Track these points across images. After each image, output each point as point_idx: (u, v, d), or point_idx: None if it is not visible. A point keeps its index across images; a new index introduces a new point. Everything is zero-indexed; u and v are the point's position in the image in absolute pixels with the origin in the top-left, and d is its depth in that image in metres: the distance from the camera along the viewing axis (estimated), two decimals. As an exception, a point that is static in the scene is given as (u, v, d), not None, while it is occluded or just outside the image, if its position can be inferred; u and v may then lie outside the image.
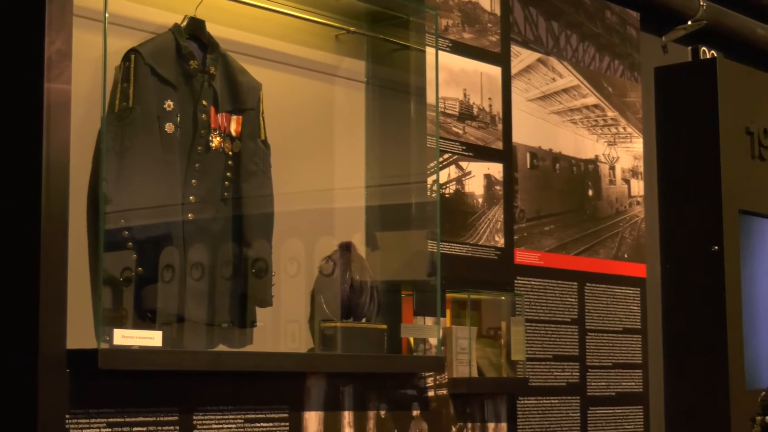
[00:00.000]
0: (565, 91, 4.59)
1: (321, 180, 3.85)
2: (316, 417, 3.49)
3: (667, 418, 5.35)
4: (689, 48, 5.59)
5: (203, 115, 3.35)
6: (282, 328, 3.64)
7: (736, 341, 5.36)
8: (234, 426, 3.28)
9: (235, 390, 3.28)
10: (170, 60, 3.30)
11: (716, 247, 5.34)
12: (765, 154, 5.73)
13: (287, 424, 3.41)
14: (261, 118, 3.51)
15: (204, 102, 3.35)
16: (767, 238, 5.85)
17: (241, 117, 3.46)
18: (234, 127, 3.44)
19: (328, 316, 3.60)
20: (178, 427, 3.12)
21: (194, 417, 3.16)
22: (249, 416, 3.31)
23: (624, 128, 4.85)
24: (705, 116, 5.41)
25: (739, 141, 5.55)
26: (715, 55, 5.64)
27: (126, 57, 3.20)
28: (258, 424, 3.33)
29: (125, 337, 2.98)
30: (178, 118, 3.28)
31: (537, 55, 4.49)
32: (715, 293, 5.35)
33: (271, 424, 3.36)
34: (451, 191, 4.02)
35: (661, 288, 5.39)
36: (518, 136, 4.32)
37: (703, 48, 5.59)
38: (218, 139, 3.39)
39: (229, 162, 3.42)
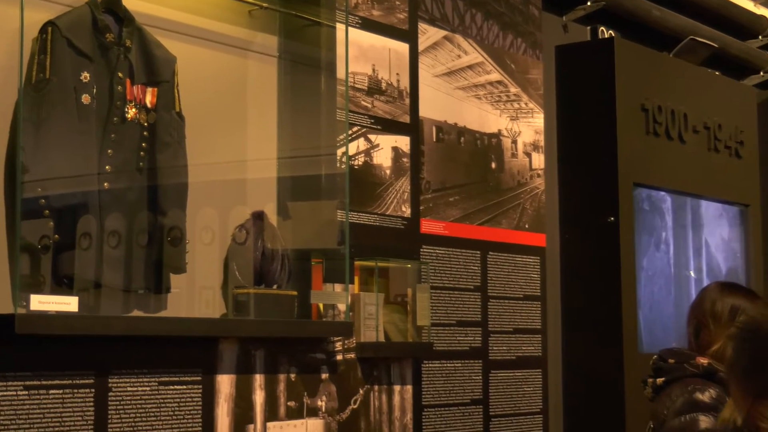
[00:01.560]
0: (470, 67, 4.63)
1: (234, 151, 3.86)
2: (228, 380, 3.52)
3: (564, 381, 5.44)
4: (588, 28, 5.66)
5: (119, 87, 3.34)
6: (196, 295, 3.65)
7: (630, 307, 5.46)
8: (148, 389, 3.29)
9: (149, 354, 3.29)
10: (87, 33, 3.28)
11: (612, 218, 5.43)
12: (659, 130, 5.83)
13: (200, 386, 3.42)
14: (176, 91, 3.51)
15: (120, 74, 3.34)
16: (656, 208, 5.97)
17: (156, 89, 3.45)
18: (149, 99, 3.44)
19: (240, 282, 3.62)
20: (93, 390, 3.13)
21: (110, 380, 3.17)
22: (163, 379, 3.32)
23: (526, 104, 4.91)
24: (603, 93, 5.49)
25: (634, 117, 5.65)
26: (613, 35, 5.72)
27: (43, 29, 3.17)
28: (172, 387, 3.35)
29: (42, 302, 2.97)
30: (95, 90, 3.27)
31: (443, 33, 4.52)
32: (610, 262, 5.44)
33: (184, 387, 3.38)
34: (360, 163, 4.05)
35: (560, 257, 5.47)
36: (425, 111, 4.36)
37: (602, 28, 5.67)
38: (134, 110, 3.38)
39: (145, 133, 3.41)
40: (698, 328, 3.65)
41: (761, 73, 7.22)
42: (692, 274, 6.21)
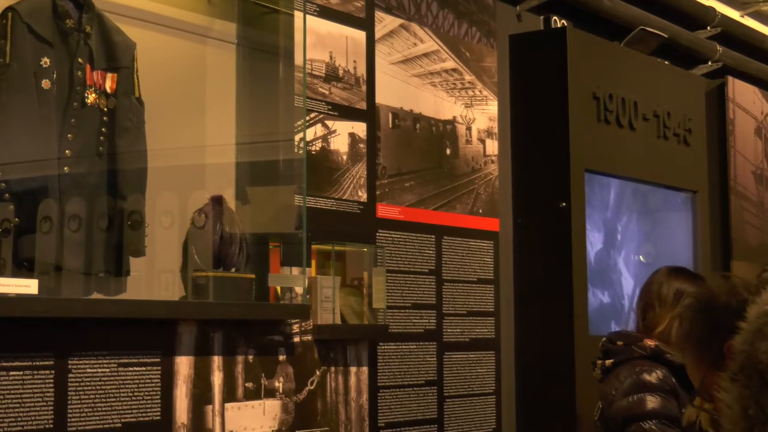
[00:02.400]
0: (426, 55, 4.65)
1: (193, 137, 3.86)
2: (187, 361, 3.52)
3: (517, 362, 5.48)
4: (541, 17, 5.68)
5: (79, 72, 3.33)
6: (156, 278, 3.65)
7: (580, 291, 5.50)
8: (108, 370, 3.29)
9: (109, 336, 3.29)
10: (46, 18, 3.27)
11: (564, 203, 5.46)
12: (610, 117, 5.87)
13: (159, 368, 3.43)
14: (135, 76, 3.50)
15: (80, 60, 3.34)
16: (608, 195, 6.02)
17: (116, 75, 3.45)
18: (109, 85, 3.44)
19: (199, 266, 3.62)
20: (53, 372, 3.13)
21: (69, 362, 3.17)
22: (122, 361, 3.33)
23: (480, 91, 4.94)
24: (555, 82, 5.53)
25: (586, 105, 5.68)
26: (566, 24, 5.75)
27: (3, 15, 3.17)
28: (131, 368, 3.35)
29: (2, 285, 2.97)
30: (55, 75, 3.26)
31: (399, 21, 4.53)
32: (562, 246, 5.48)
33: (143, 368, 3.39)
34: (318, 148, 4.06)
35: (512, 241, 5.50)
36: (381, 98, 4.37)
37: (555, 17, 5.70)
38: (93, 95, 3.38)
39: (104, 118, 3.41)
40: (645, 310, 3.71)
41: (709, 63, 7.29)
42: (642, 259, 6.27)
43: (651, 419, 3.46)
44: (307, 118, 3.99)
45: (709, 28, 7.18)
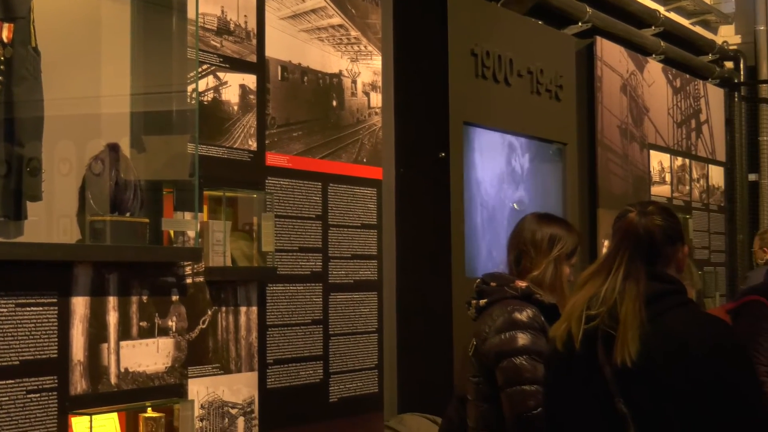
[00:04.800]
0: (314, 11, 4.64)
1: (89, 87, 3.80)
2: (83, 302, 3.51)
3: (398, 302, 5.55)
4: (424, -24, 5.70)
5: (-25, 23, 3.26)
6: (54, 223, 3.61)
7: (458, 236, 5.59)
8: (5, 310, 3.26)
9: (7, 277, 3.26)
10: (-57, -31, 3.19)
11: (443, 154, 5.53)
12: (487, 73, 5.94)
13: (56, 308, 3.41)
14: (32, 27, 3.44)
15: (-24, 10, 3.26)
16: (484, 146, 6.10)
17: (12, 25, 3.38)
18: (5, 34, 3.36)
19: (96, 211, 3.59)
20: (-47, 312, 3.09)
21: (-32, 302, 3.13)
22: (20, 301, 3.30)
23: (365, 47, 4.95)
24: (436, 39, 5.57)
25: (465, 61, 5.74)
26: (447, -17, 5.76)
27: None
28: (28, 308, 3.33)
29: None
30: (-49, 25, 3.18)
31: (289, -22, 4.51)
32: (441, 194, 5.55)
33: (41, 308, 3.36)
34: (209, 99, 4.04)
35: (395, 189, 5.56)
36: (270, 51, 4.36)
37: (436, -23, 5.71)
38: (-10, 45, 3.31)
39: (1, 67, 3.34)
40: (519, 255, 3.76)
41: (579, 24, 7.41)
42: (516, 207, 6.37)
43: (522, 355, 3.52)
44: (199, 69, 3.96)
45: (580, -10, 7.29)
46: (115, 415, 3.62)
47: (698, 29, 9.83)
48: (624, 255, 2.99)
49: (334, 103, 4.72)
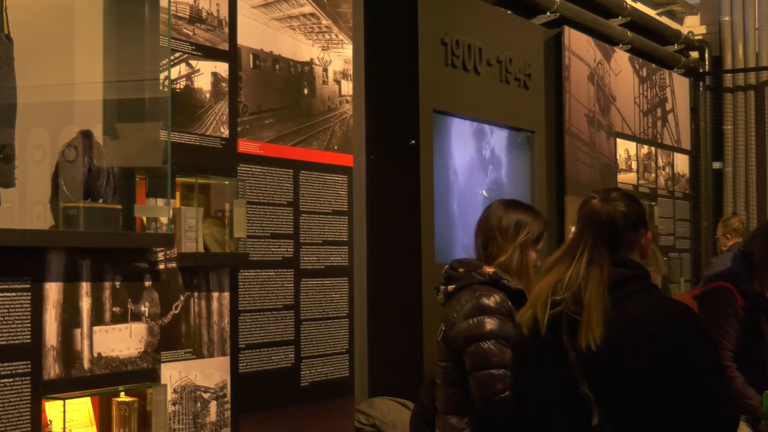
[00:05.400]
0: (285, 0, 4.63)
1: (62, 74, 3.78)
2: (56, 287, 3.49)
3: (369, 288, 5.58)
4: (395, -34, 5.70)
5: (-52, 10, 3.23)
6: (28, 209, 3.59)
7: (428, 222, 5.61)
8: (-21, 296, 3.25)
9: (-20, 263, 3.24)
10: None
11: (413, 141, 5.54)
12: (457, 62, 5.96)
13: (29, 294, 3.40)
14: (4, 14, 3.40)
15: (-51, -3, 3.23)
16: (454, 134, 6.12)
17: (-16, 12, 3.35)
18: (-22, 22, 3.34)
19: (69, 197, 3.58)
20: (-74, 297, 3.07)
21: (-58, 288, 3.12)
22: (-6, 287, 3.28)
23: (336, 35, 4.95)
24: (406, 28, 5.58)
25: (435, 50, 5.75)
26: (417, -27, 5.76)
27: None
28: (1, 294, 3.31)
29: None
30: (-76, 12, 3.16)
31: (261, -33, 4.50)
32: (411, 181, 5.57)
33: (14, 294, 3.35)
34: (182, 87, 4.03)
35: (365, 176, 5.57)
36: (242, 39, 4.35)
37: (407, -33, 5.71)
38: (-38, 32, 3.28)
39: (-26, 54, 3.32)
40: (486, 241, 3.78)
41: (548, 14, 7.43)
42: (485, 194, 6.40)
43: (489, 339, 3.54)
44: (172, 57, 3.95)
45: (548, -20, 7.32)
46: (88, 399, 3.62)
47: (664, 19, 9.89)
48: (587, 241, 3.02)
49: (306, 91, 4.72)
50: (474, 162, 6.35)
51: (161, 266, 3.91)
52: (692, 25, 10.51)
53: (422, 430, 3.77)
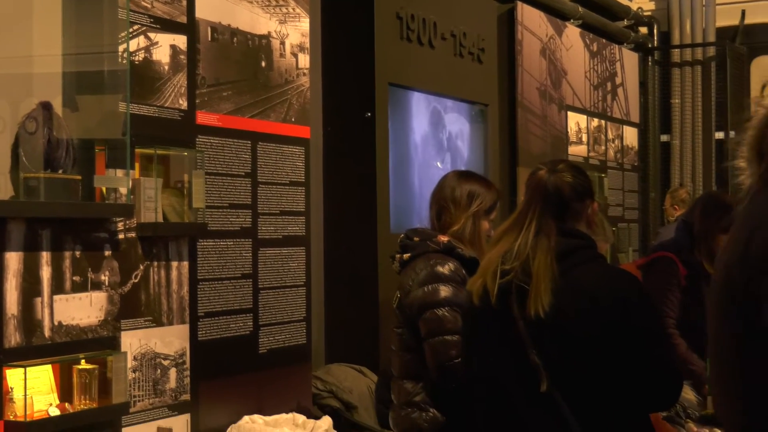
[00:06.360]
0: (243, -26, 4.61)
1: (21, 47, 3.74)
2: (16, 257, 3.48)
3: (325, 257, 5.58)
4: (351, -59, 5.67)
5: None
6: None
7: (383, 192, 5.62)
8: (-60, 265, 3.22)
9: (-59, 233, 3.21)
10: None
11: (369, 114, 5.54)
12: (412, 36, 5.95)
13: (-10, 263, 3.38)
14: (-37, -14, 3.37)
15: None
16: (409, 106, 6.12)
17: (-57, -16, 3.31)
18: (-64, -6, 3.30)
19: (29, 168, 3.55)
20: None
21: None
22: (-46, 257, 3.26)
23: (293, 9, 4.93)
24: (362, 2, 5.57)
25: (390, 24, 5.75)
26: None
27: None
28: (-37, 264, 3.29)
29: None
30: None
31: (219, -59, 4.46)
32: (367, 152, 5.57)
33: (-25, 264, 3.33)
34: (140, 59, 4.01)
35: (322, 147, 5.57)
36: (200, 12, 4.32)
37: (363, -59, 5.69)
38: None
39: (-67, 26, 3.28)
40: (440, 211, 3.81)
41: (501, -12, 7.43)
42: (439, 165, 6.42)
43: (444, 306, 3.57)
44: (130, 30, 3.92)
45: (501, -44, 7.32)
46: (49, 367, 3.61)
47: (615, -5, 9.93)
48: (534, 211, 3.05)
49: (263, 63, 4.71)
50: (433, 135, 6.37)
51: (121, 236, 3.89)
52: (641, 2, 10.57)
53: (387, 398, 3.80)
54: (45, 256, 3.59)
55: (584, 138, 8.59)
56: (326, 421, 4.40)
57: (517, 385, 2.99)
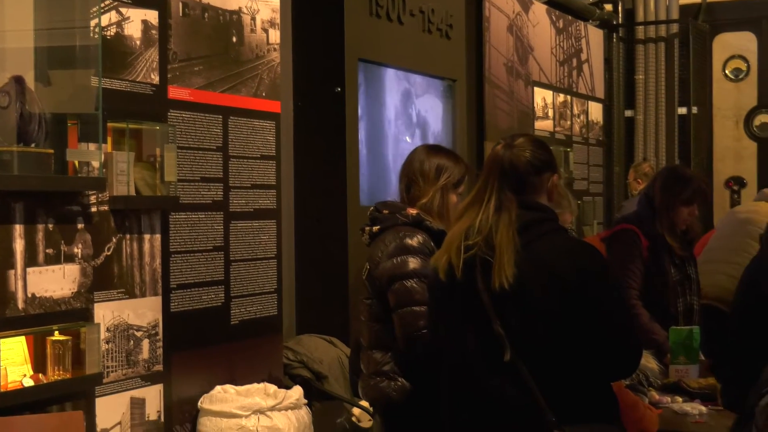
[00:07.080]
0: (214, -51, 4.58)
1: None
2: (-10, 230, 3.46)
3: (296, 230, 5.59)
4: None
5: None
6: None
7: (353, 167, 5.63)
8: None
9: None
10: None
11: (339, 89, 5.54)
12: (381, 12, 5.95)
13: (-37, 236, 3.36)
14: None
15: None
16: (382, 82, 6.12)
17: None
18: None
19: (2, 142, 3.53)
20: None
21: None
22: (-72, 229, 3.24)
23: (264, -15, 4.91)
24: (332, -23, 5.56)
25: (359, 0, 5.73)
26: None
27: None
28: (-64, 237, 3.27)
29: None
30: None
31: None
32: (337, 127, 5.57)
33: (-52, 236, 3.31)
34: (112, 34, 3.98)
35: (293, 122, 5.57)
36: (172, -12, 4.30)
37: None
38: None
39: None
40: (409, 185, 3.81)
41: (469, -35, 7.42)
42: (408, 139, 6.43)
43: (412, 278, 3.59)
44: (102, 5, 3.89)
45: (470, -67, 7.30)
46: (22, 338, 3.60)
47: (580, -27, 9.94)
48: (492, 186, 3.05)
49: (234, 39, 4.69)
50: (404, 110, 6.37)
51: (93, 209, 3.88)
52: (607, -21, 10.58)
53: (360, 369, 3.82)
54: (18, 229, 3.57)
55: (550, 113, 8.62)
56: (297, 391, 4.43)
57: (481, 356, 3.02)
